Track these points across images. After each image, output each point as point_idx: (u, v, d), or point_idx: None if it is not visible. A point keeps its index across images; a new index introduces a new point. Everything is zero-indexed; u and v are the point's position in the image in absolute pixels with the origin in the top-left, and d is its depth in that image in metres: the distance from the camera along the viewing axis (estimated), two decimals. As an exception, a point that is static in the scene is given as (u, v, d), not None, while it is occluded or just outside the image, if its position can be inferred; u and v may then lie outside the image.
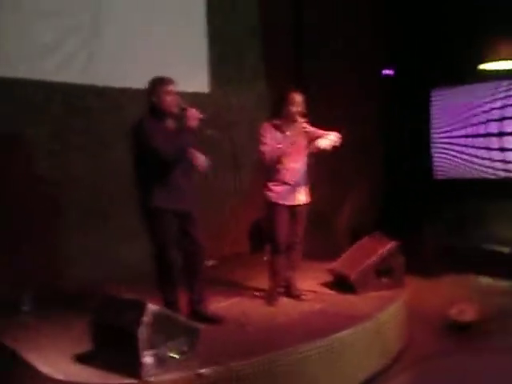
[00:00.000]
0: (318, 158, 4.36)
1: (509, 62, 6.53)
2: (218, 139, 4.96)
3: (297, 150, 4.23)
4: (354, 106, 6.76)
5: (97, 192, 5.20)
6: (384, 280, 4.40)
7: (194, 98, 5.79)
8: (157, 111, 3.65)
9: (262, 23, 6.68)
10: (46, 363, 3.08)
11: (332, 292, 4.46)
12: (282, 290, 4.36)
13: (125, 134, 5.27)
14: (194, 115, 3.57)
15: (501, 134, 6.65)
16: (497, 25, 6.17)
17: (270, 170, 4.22)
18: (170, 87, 3.65)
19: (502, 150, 6.65)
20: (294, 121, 4.18)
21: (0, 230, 4.52)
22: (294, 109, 4.14)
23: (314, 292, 4.43)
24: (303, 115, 4.21)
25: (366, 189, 7.06)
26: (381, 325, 3.78)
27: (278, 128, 4.21)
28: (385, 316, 3.86)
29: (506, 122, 6.59)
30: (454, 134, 7.15)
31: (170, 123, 3.69)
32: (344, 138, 4.22)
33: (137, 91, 5.40)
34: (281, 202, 4.20)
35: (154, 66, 5.51)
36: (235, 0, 6.50)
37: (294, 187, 4.22)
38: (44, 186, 4.86)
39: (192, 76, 5.90)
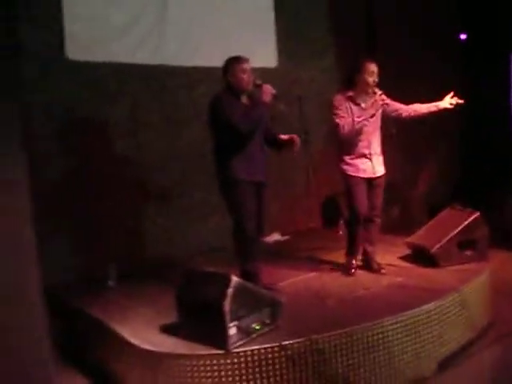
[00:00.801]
0: (398, 130, 4.24)
1: None
2: (288, 114, 4.94)
3: (374, 122, 4.13)
4: (429, 73, 6.51)
5: (172, 170, 5.31)
6: (467, 253, 4.23)
7: (262, 73, 5.79)
8: (232, 89, 3.76)
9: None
10: (132, 334, 3.21)
11: (412, 265, 4.34)
12: (359, 262, 4.32)
13: (198, 112, 5.40)
14: (268, 91, 3.69)
15: None
16: None
17: (345, 143, 4.13)
18: (245, 65, 3.75)
19: None
20: (369, 92, 4.06)
21: (82, 207, 4.74)
22: (370, 79, 4.02)
23: (394, 266, 4.34)
24: (377, 86, 4.08)
25: (443, 160, 6.82)
26: (465, 298, 3.64)
27: (351, 100, 4.11)
28: (469, 289, 3.71)
29: None
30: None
31: (245, 100, 3.81)
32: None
33: (207, 69, 5.47)
34: (359, 175, 4.13)
35: (222, 42, 5.56)
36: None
37: (371, 159, 4.14)
38: (122, 166, 5.01)
39: (260, 51, 5.86)
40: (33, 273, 2.31)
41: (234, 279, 2.85)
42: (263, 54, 5.91)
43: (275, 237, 5.65)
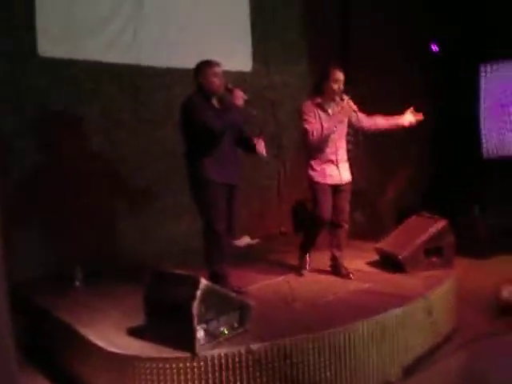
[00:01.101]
0: (364, 137, 4.30)
1: None
2: (262, 119, 4.96)
3: (341, 129, 4.21)
4: (401, 81, 6.61)
5: (145, 170, 5.28)
6: (433, 259, 4.31)
7: (237, 77, 5.83)
8: (203, 91, 3.78)
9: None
10: (99, 336, 3.17)
11: (379, 271, 4.39)
12: (328, 268, 4.38)
13: (172, 113, 5.37)
14: (239, 95, 3.73)
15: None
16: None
17: (313, 149, 4.19)
18: (217, 69, 3.78)
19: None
20: (335, 99, 4.12)
21: (52, 205, 4.66)
22: (335, 86, 4.09)
23: (362, 271, 4.38)
24: (343, 92, 4.13)
25: (413, 167, 6.92)
26: (430, 304, 3.70)
27: (319, 106, 4.17)
28: (435, 295, 3.77)
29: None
30: (505, 110, 6.90)
31: (216, 103, 3.84)
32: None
33: (182, 71, 5.45)
34: (326, 182, 4.18)
35: (197, 44, 5.55)
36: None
37: (337, 166, 4.20)
38: (94, 164, 4.97)
39: (235, 55, 5.89)
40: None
41: (203, 281, 2.83)
42: (238, 57, 5.94)
43: (246, 240, 5.65)
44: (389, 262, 4.42)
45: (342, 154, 4.25)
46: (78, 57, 4.86)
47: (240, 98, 3.72)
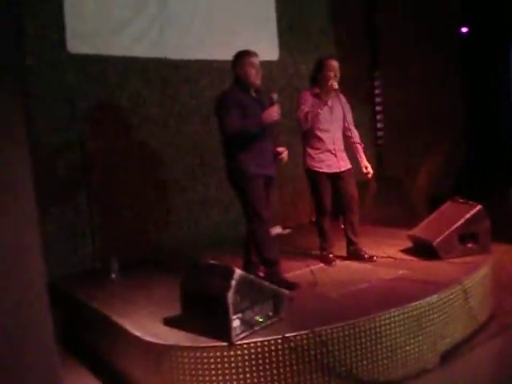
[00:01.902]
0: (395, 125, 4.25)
1: None
2: (289, 106, 4.94)
3: (337, 121, 4.28)
4: (430, 67, 6.49)
5: (173, 163, 5.32)
6: (469, 245, 4.23)
7: (263, 66, 5.80)
8: (240, 83, 3.76)
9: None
10: (135, 326, 3.22)
11: (414, 258, 4.33)
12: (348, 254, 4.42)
13: (199, 106, 5.41)
14: (274, 113, 3.63)
15: None
16: None
17: (310, 137, 4.25)
18: (254, 59, 3.74)
19: None
20: (331, 89, 4.13)
21: (85, 200, 4.74)
22: (331, 73, 4.14)
23: (395, 258, 4.34)
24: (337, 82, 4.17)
25: (445, 153, 6.81)
26: (467, 291, 3.65)
27: (317, 96, 4.20)
28: (471, 282, 3.71)
29: None
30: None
31: (253, 94, 3.81)
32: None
33: (208, 62, 5.47)
34: (324, 171, 4.25)
35: (223, 36, 5.55)
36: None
37: (335, 155, 4.26)
38: (124, 159, 5.02)
39: (261, 44, 5.84)
40: (37, 270, 2.31)
41: (237, 271, 2.85)
42: (265, 47, 5.90)
43: (277, 230, 5.65)
44: (423, 249, 4.35)
45: (340, 145, 4.31)
46: (106, 52, 4.91)
47: (274, 115, 3.63)
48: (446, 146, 6.76)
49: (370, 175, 4.35)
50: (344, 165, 4.31)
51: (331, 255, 4.39)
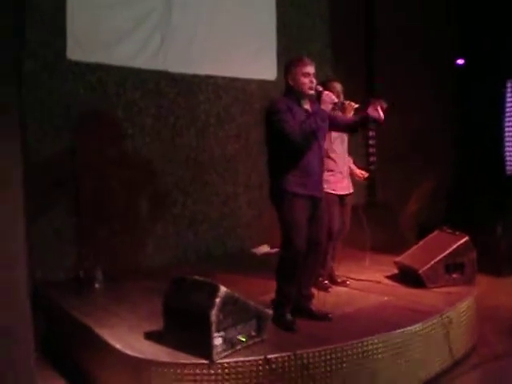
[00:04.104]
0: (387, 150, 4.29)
1: None
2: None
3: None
4: (425, 95, 6.57)
5: (166, 176, 5.31)
6: (454, 276, 4.26)
7: (261, 85, 5.87)
8: (292, 93, 3.46)
9: (331, 11, 6.58)
10: (116, 339, 3.18)
11: (399, 285, 4.36)
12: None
13: (195, 120, 5.42)
14: (328, 99, 3.40)
15: None
16: None
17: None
18: (309, 68, 3.41)
19: None
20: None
21: (73, 210, 4.70)
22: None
23: (381, 284, 4.36)
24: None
25: (435, 182, 6.86)
26: (449, 321, 3.66)
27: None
28: (454, 313, 3.73)
29: None
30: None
31: (307, 105, 3.48)
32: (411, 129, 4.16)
33: (207, 78, 5.50)
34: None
35: (223, 52, 5.59)
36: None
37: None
38: (116, 168, 4.99)
39: (260, 63, 5.93)
40: (21, 275, 2.29)
41: (223, 289, 2.84)
42: (263, 66, 5.96)
43: (264, 249, 5.65)
44: (409, 277, 4.37)
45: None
46: (105, 61, 4.93)
47: (328, 101, 3.37)
48: (436, 174, 6.82)
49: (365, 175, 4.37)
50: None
51: (326, 282, 4.28)
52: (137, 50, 5.13)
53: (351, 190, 4.35)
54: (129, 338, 3.20)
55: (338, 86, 4.18)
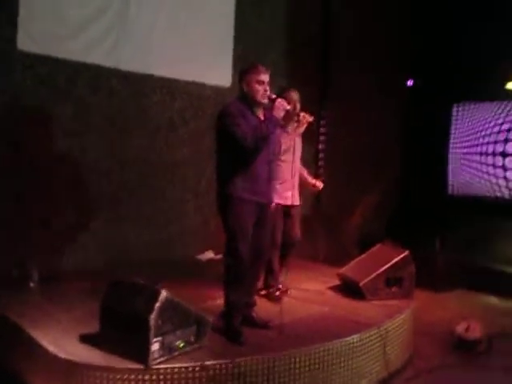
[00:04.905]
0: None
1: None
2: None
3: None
4: (375, 114, 6.74)
5: (112, 176, 5.19)
6: (393, 289, 4.37)
7: (215, 91, 5.84)
8: (246, 99, 3.43)
9: (289, 20, 6.66)
10: (49, 341, 3.08)
11: (340, 296, 4.43)
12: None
13: (147, 121, 5.33)
14: (281, 106, 3.38)
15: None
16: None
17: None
18: (263, 77, 3.40)
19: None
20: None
21: (12, 206, 4.53)
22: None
23: (323, 295, 4.42)
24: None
25: (380, 197, 7.04)
26: (387, 333, 3.74)
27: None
28: (391, 325, 3.82)
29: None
30: (473, 150, 7.12)
31: (260, 113, 3.47)
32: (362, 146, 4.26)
33: (161, 79, 5.43)
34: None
35: (179, 55, 5.54)
36: (265, -4, 6.50)
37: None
38: (60, 166, 4.84)
39: (216, 69, 5.90)
40: None
41: (163, 293, 2.79)
42: (219, 72, 5.94)
43: (209, 255, 5.61)
44: (350, 289, 4.45)
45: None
46: (58, 55, 4.78)
47: (280, 109, 3.36)
48: (381, 188, 7.00)
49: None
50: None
51: (278, 293, 4.24)
52: (91, 46, 4.99)
53: (297, 203, 4.28)
54: (63, 341, 3.11)
55: (295, 95, 4.18)
